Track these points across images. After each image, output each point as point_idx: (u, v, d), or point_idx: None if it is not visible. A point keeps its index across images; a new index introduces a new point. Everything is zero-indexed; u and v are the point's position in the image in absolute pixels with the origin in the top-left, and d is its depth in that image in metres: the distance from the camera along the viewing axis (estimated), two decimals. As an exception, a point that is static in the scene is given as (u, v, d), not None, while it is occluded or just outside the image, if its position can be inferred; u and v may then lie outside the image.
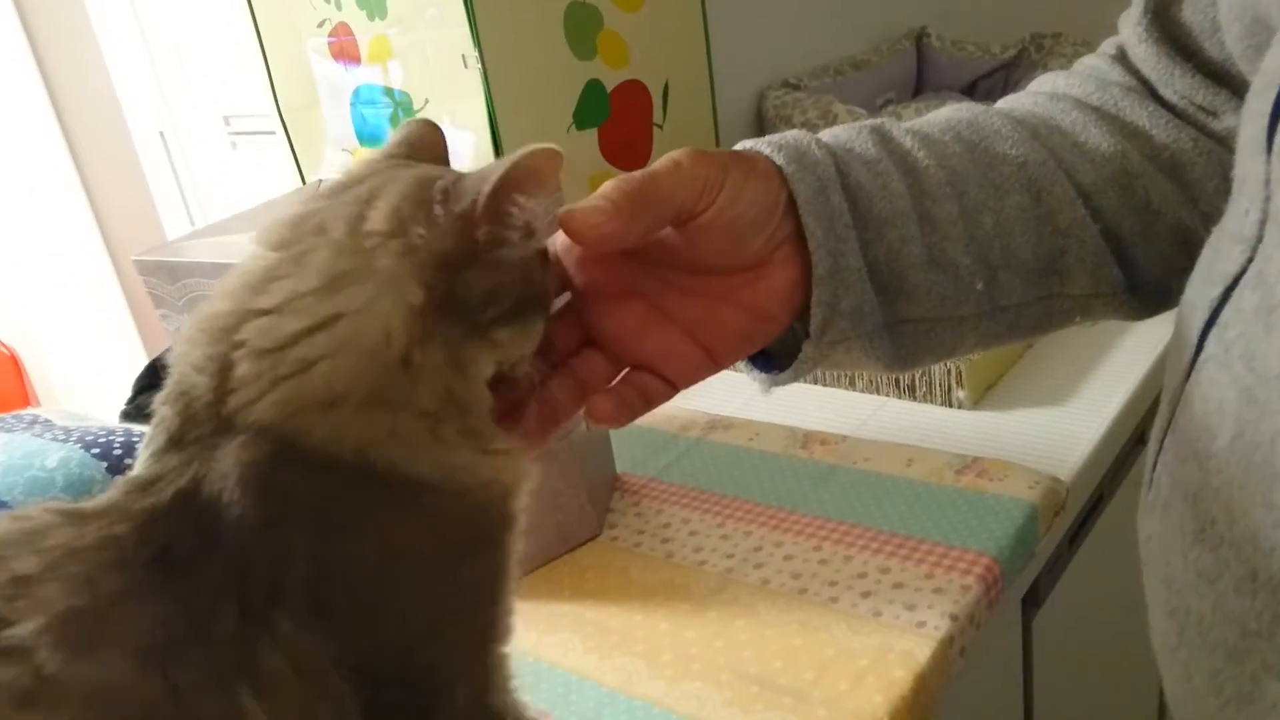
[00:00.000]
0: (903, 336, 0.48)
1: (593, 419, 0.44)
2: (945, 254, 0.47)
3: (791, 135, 0.47)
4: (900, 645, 0.62)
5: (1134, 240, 0.50)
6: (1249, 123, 0.39)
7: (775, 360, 0.49)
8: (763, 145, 0.46)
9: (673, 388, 0.45)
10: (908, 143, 0.49)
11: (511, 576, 0.39)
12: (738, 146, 0.47)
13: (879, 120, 0.50)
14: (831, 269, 0.45)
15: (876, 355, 0.48)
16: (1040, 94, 0.55)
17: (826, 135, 0.49)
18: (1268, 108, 0.37)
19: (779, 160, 0.45)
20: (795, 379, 0.48)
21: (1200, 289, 0.41)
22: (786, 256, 0.45)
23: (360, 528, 0.35)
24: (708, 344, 0.45)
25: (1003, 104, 0.55)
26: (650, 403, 0.45)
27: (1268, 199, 0.37)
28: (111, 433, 0.78)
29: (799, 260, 0.45)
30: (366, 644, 0.35)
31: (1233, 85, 0.50)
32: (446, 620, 0.37)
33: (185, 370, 0.36)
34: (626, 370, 0.46)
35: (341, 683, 0.34)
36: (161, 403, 0.36)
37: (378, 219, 0.36)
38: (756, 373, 0.50)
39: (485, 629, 0.38)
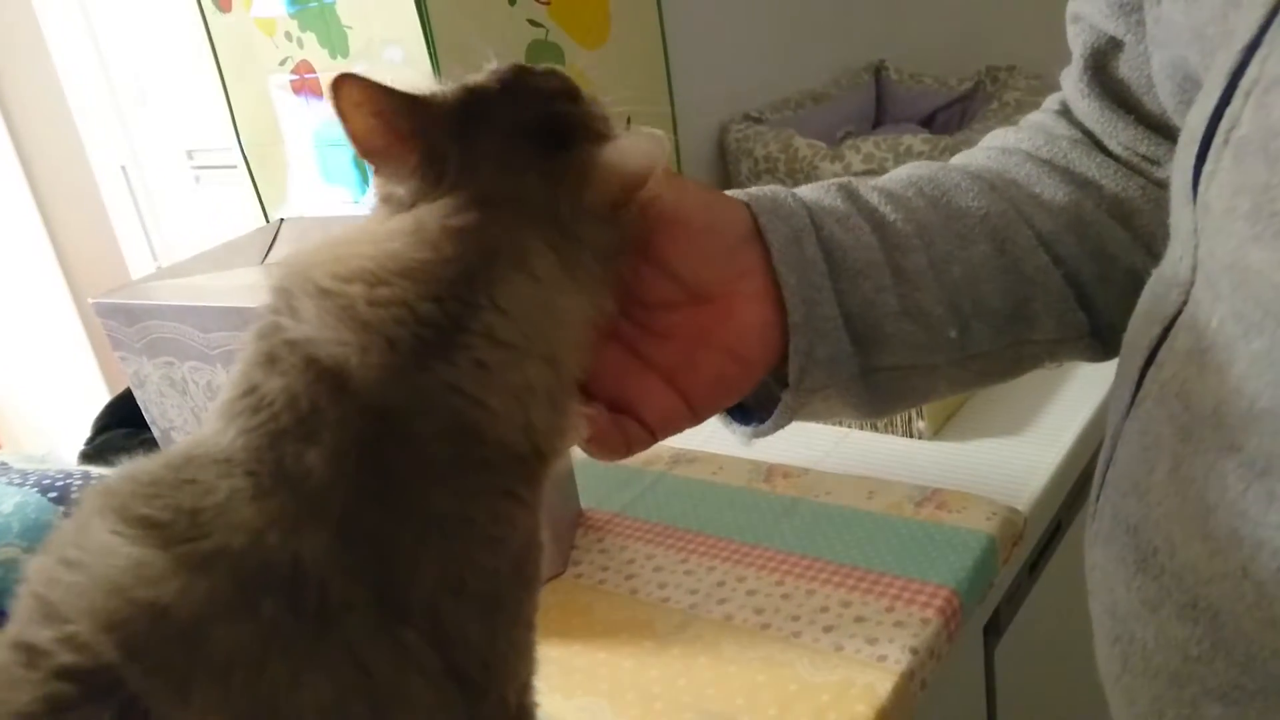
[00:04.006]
0: (878, 384, 0.49)
1: (589, 440, 0.44)
2: (917, 304, 0.48)
3: (767, 188, 0.48)
4: (862, 680, 0.62)
5: (1093, 285, 0.52)
6: (1177, 174, 0.40)
7: (752, 414, 0.50)
8: (738, 194, 0.47)
9: (652, 435, 0.45)
10: (874, 199, 0.50)
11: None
12: None
13: (845, 179, 0.51)
14: (806, 316, 0.46)
15: (853, 403, 0.49)
16: (992, 149, 0.56)
17: (798, 192, 0.50)
18: (1191, 160, 0.38)
19: (751, 204, 0.46)
20: (776, 429, 0.49)
21: (1139, 329, 0.43)
22: (756, 291, 0.46)
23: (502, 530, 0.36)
24: (686, 390, 0.46)
25: (957, 160, 0.57)
26: (630, 446, 0.45)
27: (1196, 246, 0.38)
28: (69, 475, 0.77)
29: (771, 299, 0.46)
30: (464, 646, 0.35)
31: (1172, 136, 0.52)
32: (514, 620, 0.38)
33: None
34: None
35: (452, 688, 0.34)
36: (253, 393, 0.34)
37: None
38: (736, 426, 0.51)
39: (530, 636, 0.39)
